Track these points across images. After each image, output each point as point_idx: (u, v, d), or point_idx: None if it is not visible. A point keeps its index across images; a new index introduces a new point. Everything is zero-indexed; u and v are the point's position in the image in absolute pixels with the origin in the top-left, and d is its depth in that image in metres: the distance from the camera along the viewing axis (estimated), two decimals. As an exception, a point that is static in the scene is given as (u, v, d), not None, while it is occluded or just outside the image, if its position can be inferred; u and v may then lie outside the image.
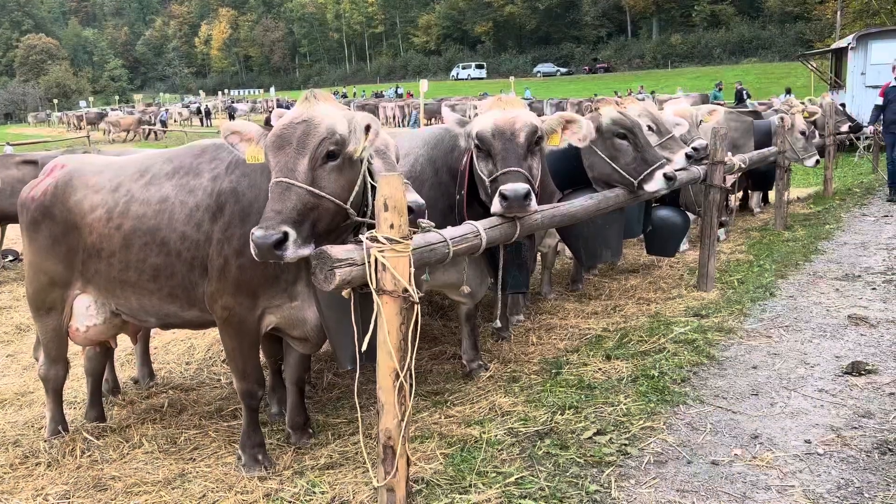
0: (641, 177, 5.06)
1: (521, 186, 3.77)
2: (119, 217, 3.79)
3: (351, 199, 3.21)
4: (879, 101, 11.28)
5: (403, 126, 32.62)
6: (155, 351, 5.82)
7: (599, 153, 5.15)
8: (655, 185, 5.06)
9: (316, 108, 3.22)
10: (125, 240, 3.76)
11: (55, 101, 70.75)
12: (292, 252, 2.94)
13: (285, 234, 2.92)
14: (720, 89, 31.51)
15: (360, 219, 3.26)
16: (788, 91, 30.71)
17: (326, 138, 3.12)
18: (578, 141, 4.34)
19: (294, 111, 3.25)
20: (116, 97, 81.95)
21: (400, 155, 4.81)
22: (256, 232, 2.93)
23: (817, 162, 9.89)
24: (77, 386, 5.16)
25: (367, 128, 3.23)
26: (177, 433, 4.31)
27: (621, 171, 5.10)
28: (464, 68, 78.59)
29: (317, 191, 3.07)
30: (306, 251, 2.98)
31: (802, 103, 11.19)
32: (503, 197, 3.77)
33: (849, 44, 20.14)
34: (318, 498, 3.33)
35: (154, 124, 39.87)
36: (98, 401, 4.65)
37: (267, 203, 3.05)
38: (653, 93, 35.20)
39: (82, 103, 68.41)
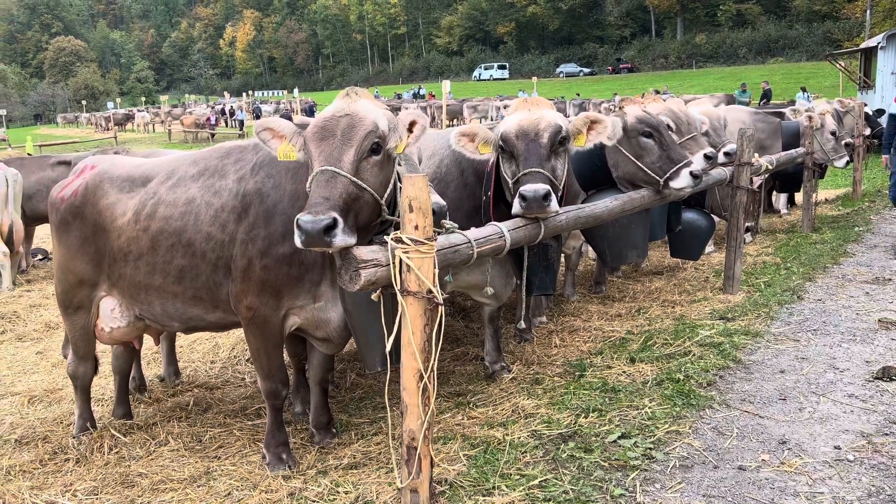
0: (667, 175, 5.01)
1: (541, 187, 3.75)
2: (146, 219, 3.84)
3: (385, 195, 3.21)
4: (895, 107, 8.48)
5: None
6: (180, 349, 5.89)
7: (625, 152, 5.11)
8: (682, 182, 5.01)
9: (358, 103, 3.22)
10: (152, 241, 3.80)
11: (83, 102, 71.95)
12: (340, 239, 2.85)
13: (335, 220, 2.85)
14: (744, 90, 31.07)
15: (391, 217, 3.25)
16: (804, 90, 30.30)
17: (372, 132, 3.13)
18: (607, 139, 4.31)
19: (335, 106, 3.25)
20: (143, 98, 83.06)
21: (424, 156, 4.82)
22: (304, 217, 2.85)
23: (848, 163, 9.73)
24: (105, 383, 5.23)
25: (412, 124, 3.25)
26: (202, 431, 4.35)
27: (647, 170, 5.06)
28: (486, 69, 78.45)
29: (361, 182, 3.05)
30: (353, 240, 2.91)
31: (817, 97, 10.92)
32: (522, 197, 3.76)
33: (878, 43, 19.82)
34: (341, 497, 3.34)
35: (215, 125, 38.45)
36: (125, 398, 4.71)
37: (312, 190, 2.99)
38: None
39: (110, 104, 69.40)
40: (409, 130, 3.27)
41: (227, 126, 44.83)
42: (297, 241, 2.89)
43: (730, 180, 6.34)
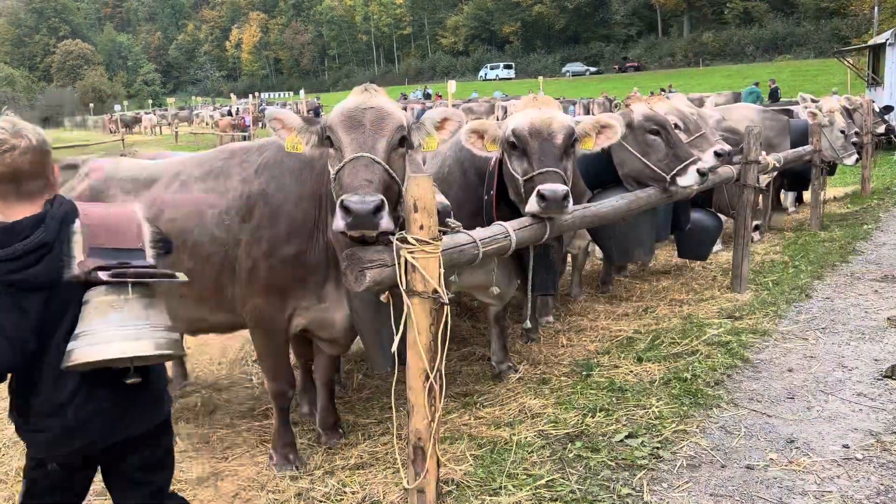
0: (674, 172, 4.99)
1: (560, 188, 3.73)
2: (152, 222, 3.84)
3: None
4: None
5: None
6: (188, 351, 5.90)
7: (631, 150, 5.10)
8: (688, 180, 4.99)
9: (378, 97, 3.21)
10: None
11: (91, 105, 72.25)
12: (386, 221, 2.83)
13: (383, 202, 2.82)
14: (751, 91, 30.84)
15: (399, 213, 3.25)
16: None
17: (401, 126, 3.14)
18: (606, 140, 4.30)
19: (355, 99, 3.21)
20: (150, 101, 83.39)
21: (428, 156, 4.82)
22: (352, 198, 2.80)
23: (857, 160, 9.69)
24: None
25: (444, 121, 3.29)
26: (210, 432, 4.36)
27: (653, 167, 5.05)
28: (492, 69, 78.24)
29: (392, 172, 3.04)
30: (392, 226, 2.89)
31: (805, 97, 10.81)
32: (542, 197, 3.72)
33: (887, 40, 19.70)
34: (348, 498, 3.35)
35: (247, 128, 37.71)
36: (133, 399, 4.71)
37: (350, 174, 2.95)
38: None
39: (117, 107, 69.66)
40: (439, 128, 3.30)
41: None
42: (341, 224, 2.83)
43: (737, 178, 6.32)
